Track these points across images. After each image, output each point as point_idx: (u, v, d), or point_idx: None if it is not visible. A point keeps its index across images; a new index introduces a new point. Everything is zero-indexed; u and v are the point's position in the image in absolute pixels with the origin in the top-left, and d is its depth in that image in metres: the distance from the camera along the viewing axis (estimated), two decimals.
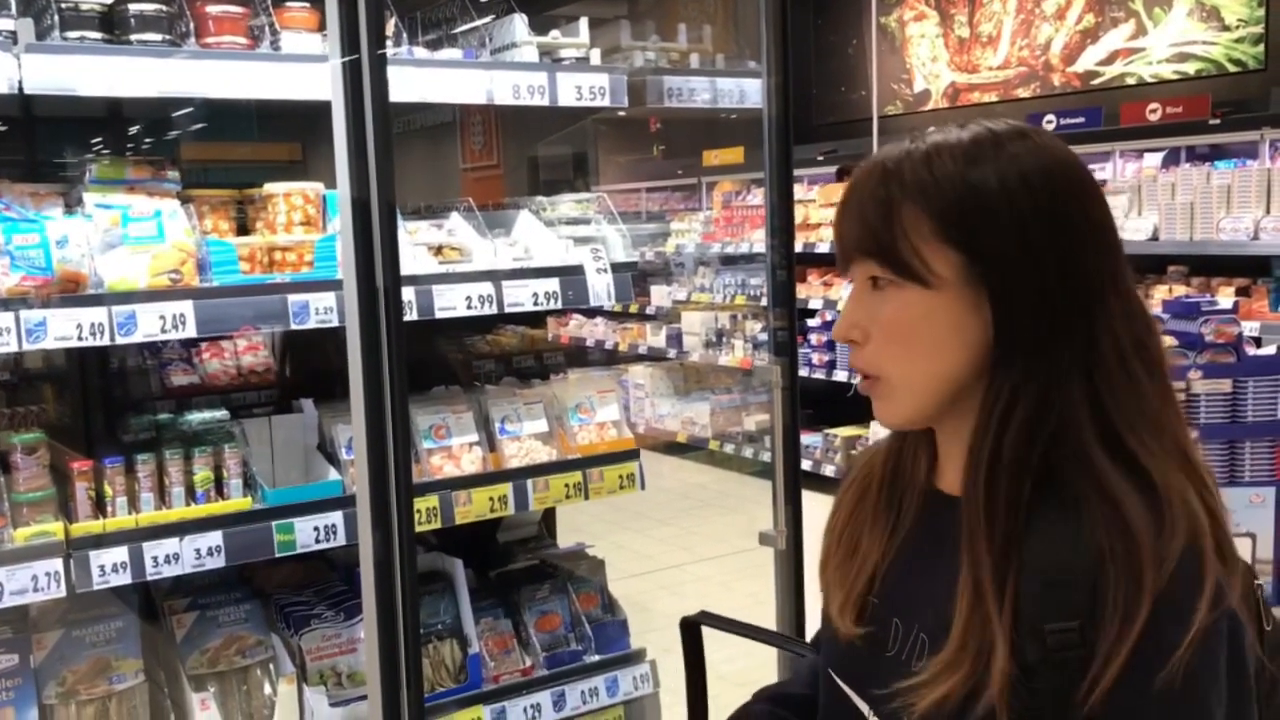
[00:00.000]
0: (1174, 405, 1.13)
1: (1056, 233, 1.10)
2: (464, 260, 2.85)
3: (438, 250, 2.83)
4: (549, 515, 3.59)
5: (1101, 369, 1.10)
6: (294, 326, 2.54)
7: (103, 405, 2.81)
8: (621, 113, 3.06)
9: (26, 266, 2.29)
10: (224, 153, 2.67)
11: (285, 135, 3.46)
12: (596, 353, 9.53)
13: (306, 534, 2.59)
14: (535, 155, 6.42)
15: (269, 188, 2.68)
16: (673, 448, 8.29)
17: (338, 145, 2.14)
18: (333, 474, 2.75)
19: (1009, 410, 1.11)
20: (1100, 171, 6.74)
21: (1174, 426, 1.11)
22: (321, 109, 2.25)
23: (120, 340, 2.35)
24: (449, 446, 2.85)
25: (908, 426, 1.24)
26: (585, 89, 2.83)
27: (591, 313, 9.66)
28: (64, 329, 2.29)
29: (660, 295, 9.03)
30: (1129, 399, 1.10)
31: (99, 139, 3.16)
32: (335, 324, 2.59)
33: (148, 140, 3.37)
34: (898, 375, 1.17)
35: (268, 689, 2.73)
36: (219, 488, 2.59)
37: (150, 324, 2.38)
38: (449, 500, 2.77)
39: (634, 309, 9.21)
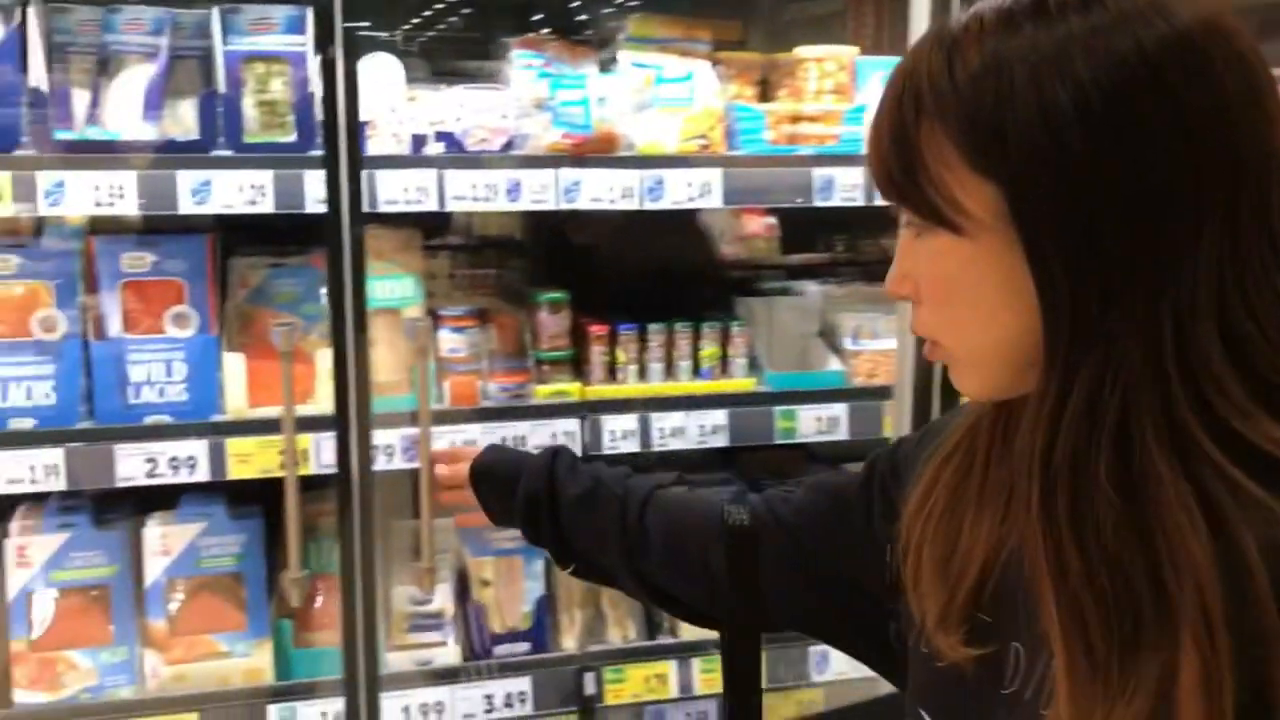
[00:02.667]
0: None
1: (1136, 158, 0.76)
2: None
3: None
4: None
5: (1195, 348, 0.78)
6: (817, 203, 2.37)
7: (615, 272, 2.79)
8: None
9: (568, 123, 2.26)
10: (664, 28, 2.50)
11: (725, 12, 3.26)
12: None
13: (808, 423, 2.46)
14: None
15: (799, 52, 2.50)
16: None
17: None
18: (834, 363, 2.59)
19: (1058, 407, 0.80)
20: None
21: None
22: None
23: (647, 205, 2.29)
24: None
25: (992, 399, 0.92)
26: None
27: None
28: (597, 190, 2.25)
29: None
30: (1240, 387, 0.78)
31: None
32: (860, 203, 2.40)
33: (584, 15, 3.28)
34: (952, 342, 0.89)
35: None
36: (723, 366, 2.50)
37: (677, 190, 2.29)
38: None
39: None
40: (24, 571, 2.22)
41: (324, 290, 2.31)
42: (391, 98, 2.26)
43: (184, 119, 2.24)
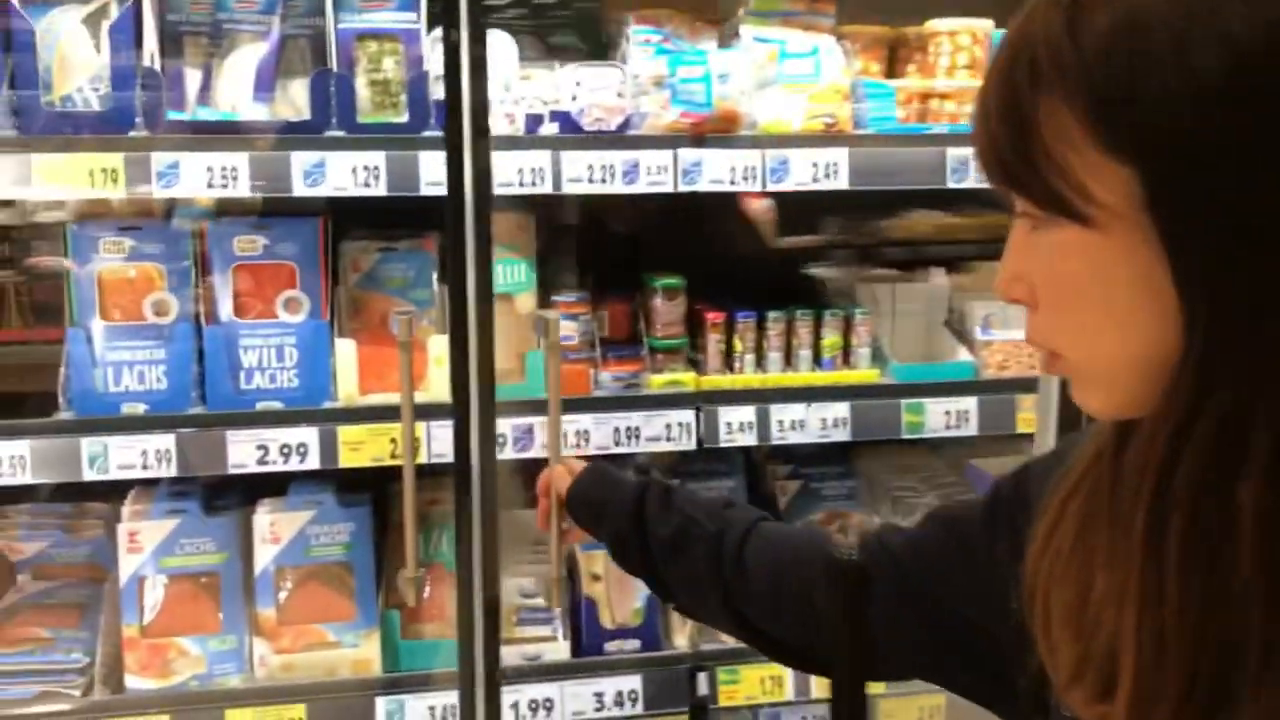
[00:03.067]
0: None
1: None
2: None
3: None
4: None
5: None
6: (950, 185, 2.24)
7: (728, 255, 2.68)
8: None
9: (687, 101, 2.17)
10: (788, 0, 2.37)
11: None
12: None
13: (936, 418, 2.33)
14: None
15: (932, 24, 2.36)
16: None
17: None
18: (962, 354, 2.45)
19: (1185, 424, 0.69)
20: None
21: None
22: None
23: (770, 187, 2.18)
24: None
25: (1121, 417, 0.77)
26: None
27: None
28: (718, 171, 2.15)
29: None
30: None
31: None
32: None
33: None
34: (1075, 353, 0.76)
35: None
36: (845, 356, 2.39)
37: (802, 171, 2.18)
38: None
39: None
40: (135, 557, 2.21)
41: (435, 275, 2.27)
42: (505, 76, 2.19)
43: (295, 99, 2.20)
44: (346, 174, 2.02)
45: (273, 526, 2.24)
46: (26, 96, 1.99)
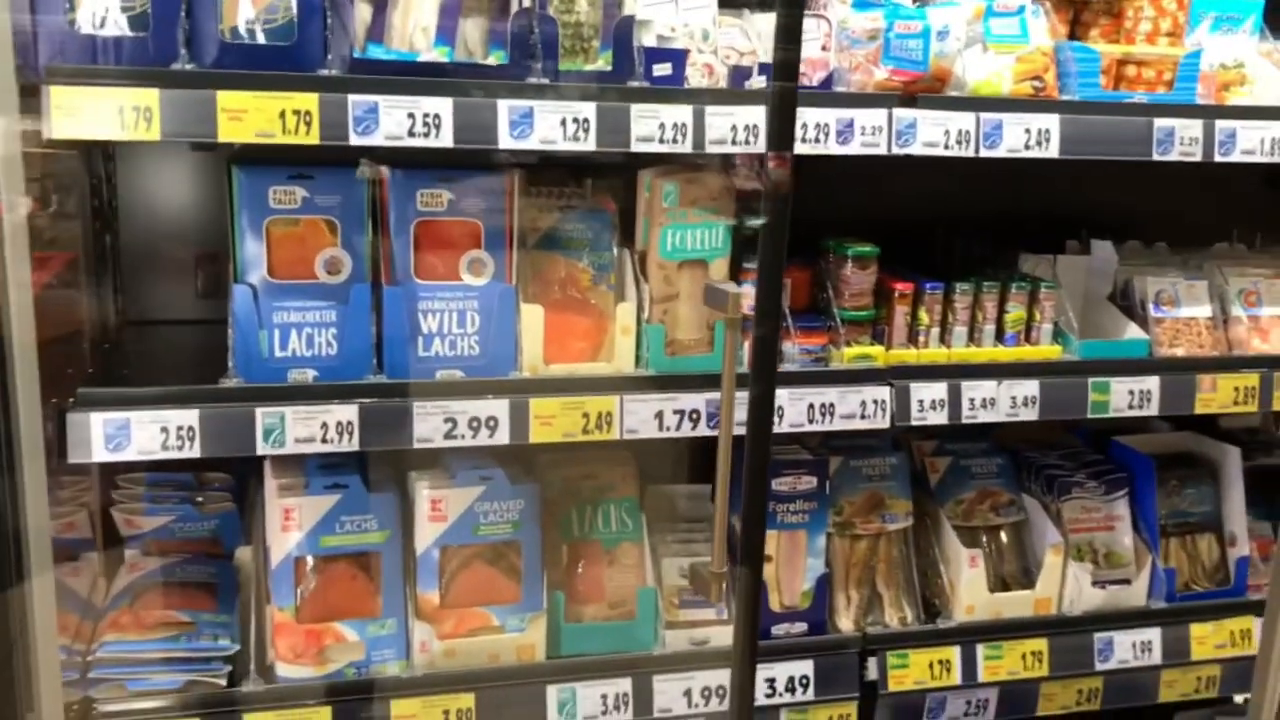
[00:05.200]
0: None
1: None
2: None
3: None
4: None
5: None
6: (1156, 157, 2.15)
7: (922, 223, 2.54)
8: None
9: (900, 58, 2.03)
10: None
11: None
12: None
13: (1121, 396, 2.26)
14: None
15: None
16: None
17: None
18: (1133, 330, 2.38)
19: None
20: None
21: None
22: None
23: (983, 154, 2.07)
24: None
25: None
26: None
27: None
28: (933, 134, 2.03)
29: None
30: None
31: None
32: (1198, 159, 2.17)
33: None
34: None
35: (1017, 552, 2.48)
36: (1027, 331, 2.29)
37: (1015, 137, 2.07)
38: None
39: None
40: (290, 535, 2.03)
41: (615, 237, 2.11)
42: (703, 24, 2.03)
43: (469, 40, 2.01)
44: (555, 126, 1.85)
45: (439, 503, 2.08)
46: (203, 25, 1.77)
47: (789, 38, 1.40)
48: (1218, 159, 2.16)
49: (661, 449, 2.35)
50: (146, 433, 1.80)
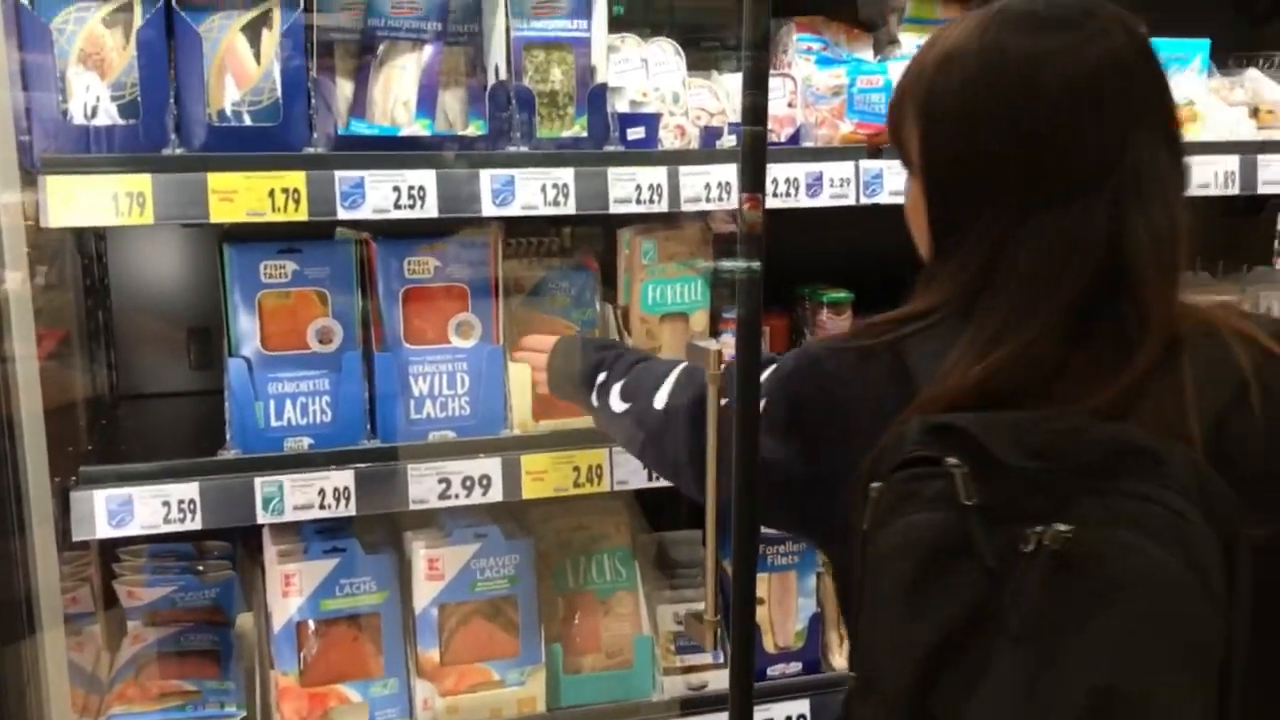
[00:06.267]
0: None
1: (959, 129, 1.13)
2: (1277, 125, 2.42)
3: (1254, 112, 2.41)
4: None
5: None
6: None
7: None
8: None
9: (864, 112, 2.12)
10: (945, 9, 2.35)
11: None
12: None
13: None
14: None
15: None
16: None
17: None
18: None
19: None
20: None
21: None
22: None
23: None
24: None
25: None
26: None
27: None
28: (898, 183, 2.10)
29: None
30: None
31: None
32: None
33: None
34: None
35: None
36: None
37: None
38: None
39: None
40: (291, 600, 2.07)
41: (598, 293, 2.17)
42: (674, 87, 2.10)
43: (449, 111, 2.08)
44: (536, 192, 1.92)
45: (435, 563, 2.12)
46: (191, 110, 1.84)
47: (756, 83, 1.47)
48: None
49: (653, 497, 2.40)
50: (149, 507, 1.84)
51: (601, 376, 1.70)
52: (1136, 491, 0.94)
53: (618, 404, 1.62)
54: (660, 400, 1.53)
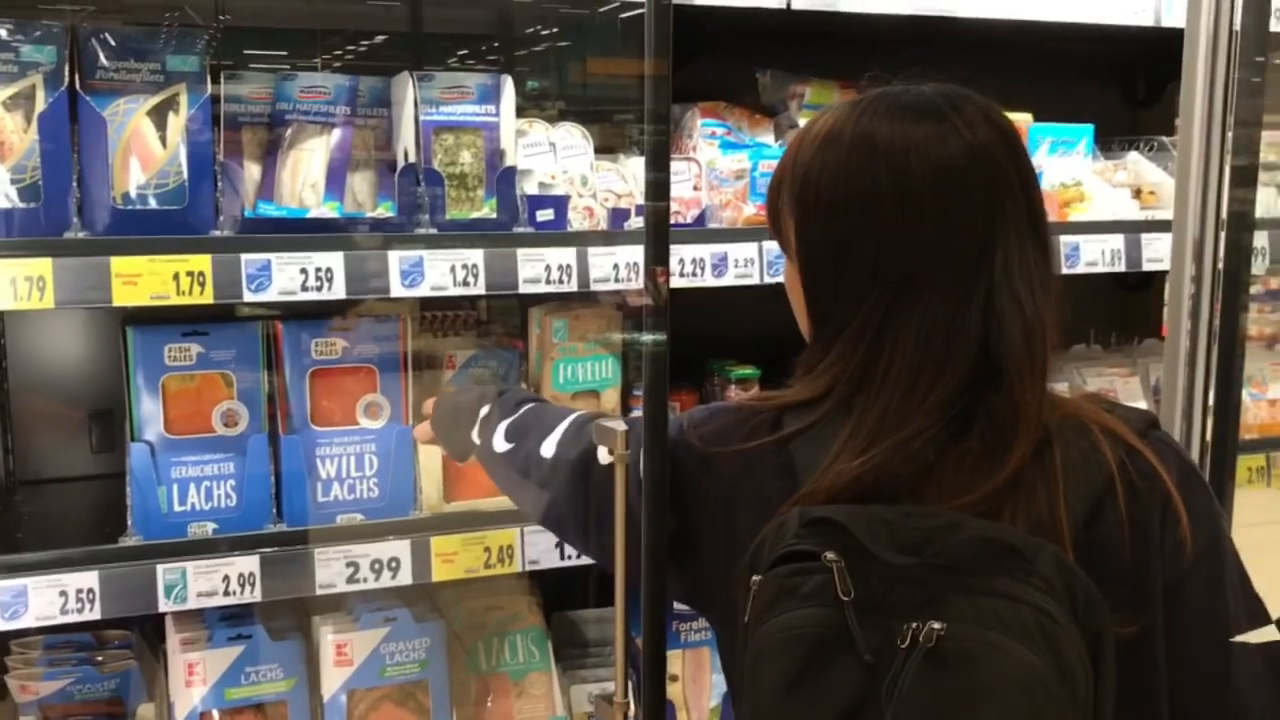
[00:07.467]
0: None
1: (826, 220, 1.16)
2: (1160, 206, 2.53)
3: (1136, 193, 2.53)
4: None
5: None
6: None
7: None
8: None
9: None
10: (844, 95, 2.45)
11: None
12: None
13: None
14: None
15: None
16: None
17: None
18: None
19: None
20: None
21: None
22: None
23: None
24: None
25: None
26: None
27: None
28: None
29: None
30: None
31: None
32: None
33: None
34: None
35: None
36: None
37: None
38: None
39: None
40: (194, 690, 2.02)
41: (523, 373, 2.19)
42: (582, 170, 2.15)
43: (358, 193, 2.10)
44: (445, 273, 1.93)
45: (344, 648, 2.09)
46: (95, 193, 1.82)
47: (657, 159, 1.51)
48: (1065, 271, 2.33)
49: (565, 576, 2.39)
50: (44, 598, 1.79)
51: (485, 409, 1.62)
52: (1006, 591, 0.96)
53: (500, 443, 1.56)
54: (549, 449, 1.48)
